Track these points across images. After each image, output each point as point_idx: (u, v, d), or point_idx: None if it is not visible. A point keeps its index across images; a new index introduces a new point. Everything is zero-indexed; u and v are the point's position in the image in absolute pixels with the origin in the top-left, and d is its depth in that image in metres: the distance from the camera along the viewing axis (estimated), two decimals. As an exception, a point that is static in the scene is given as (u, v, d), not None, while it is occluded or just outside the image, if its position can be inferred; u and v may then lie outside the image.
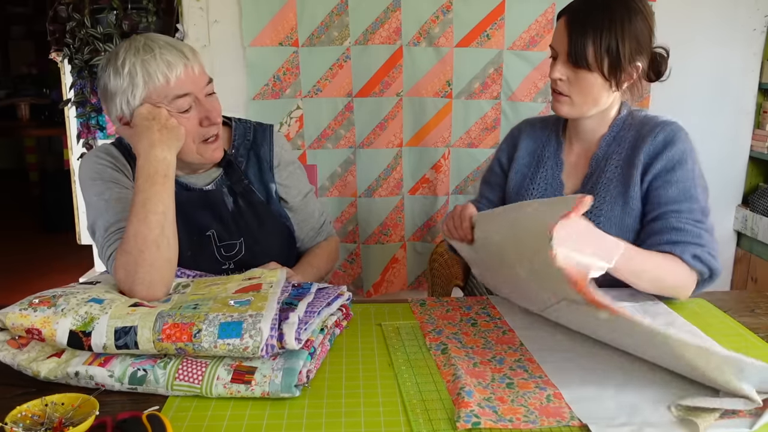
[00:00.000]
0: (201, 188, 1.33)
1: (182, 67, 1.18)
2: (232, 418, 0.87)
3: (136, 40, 1.20)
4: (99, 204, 1.23)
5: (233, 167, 1.35)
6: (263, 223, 1.37)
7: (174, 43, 1.21)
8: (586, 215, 1.24)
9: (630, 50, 1.24)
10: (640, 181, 1.28)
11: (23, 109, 5.62)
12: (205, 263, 1.29)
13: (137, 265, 1.07)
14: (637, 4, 1.26)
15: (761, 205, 2.50)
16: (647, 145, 1.28)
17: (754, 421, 0.84)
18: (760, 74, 2.49)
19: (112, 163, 1.29)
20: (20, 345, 0.97)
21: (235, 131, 1.39)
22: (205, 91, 1.24)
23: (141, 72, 1.16)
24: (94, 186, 1.25)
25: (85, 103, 2.44)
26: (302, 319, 0.95)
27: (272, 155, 1.40)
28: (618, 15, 1.23)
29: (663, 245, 1.21)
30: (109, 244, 1.18)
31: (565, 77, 1.27)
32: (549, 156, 1.43)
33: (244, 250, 1.34)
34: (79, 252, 2.91)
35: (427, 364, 1.01)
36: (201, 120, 1.23)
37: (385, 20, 2.29)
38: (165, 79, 1.17)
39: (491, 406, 0.88)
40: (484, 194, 1.54)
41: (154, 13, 2.37)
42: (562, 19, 1.29)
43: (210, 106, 1.23)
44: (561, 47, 1.27)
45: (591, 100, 1.29)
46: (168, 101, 1.19)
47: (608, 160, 1.34)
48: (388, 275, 2.55)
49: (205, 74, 1.24)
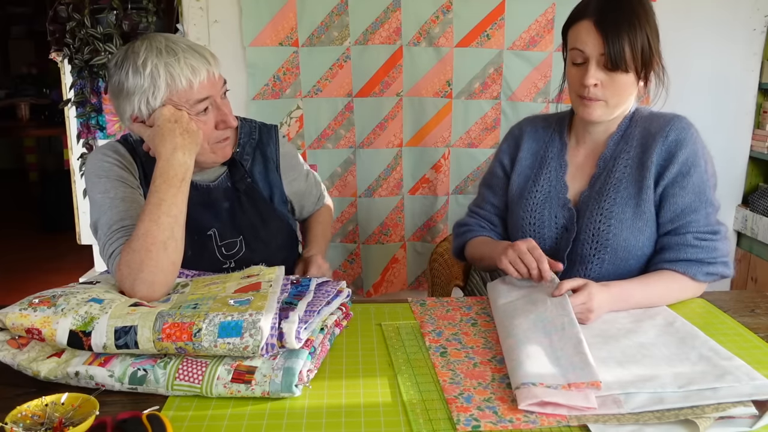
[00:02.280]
0: (207, 185, 1.34)
1: (205, 72, 1.20)
2: (232, 417, 0.87)
3: (157, 41, 1.20)
4: (104, 202, 1.23)
5: (237, 165, 1.37)
6: (265, 221, 1.37)
7: (196, 47, 1.22)
8: (597, 217, 1.29)
9: (657, 45, 1.26)
10: (654, 185, 1.28)
11: (23, 109, 5.62)
12: (206, 263, 1.29)
13: (142, 263, 1.07)
14: (647, 2, 1.27)
15: (761, 205, 2.50)
16: (658, 145, 1.28)
17: (755, 422, 0.84)
18: (760, 74, 2.49)
19: (118, 161, 1.29)
20: (20, 345, 0.97)
21: (241, 130, 1.40)
22: (222, 93, 1.26)
23: (164, 75, 1.17)
24: (99, 183, 1.25)
25: (85, 103, 2.44)
26: (302, 318, 0.95)
27: (278, 155, 1.44)
28: (642, 12, 1.23)
29: (679, 263, 1.25)
30: (111, 242, 1.18)
31: (599, 81, 1.24)
32: (552, 157, 1.41)
33: (245, 248, 1.35)
34: (79, 252, 2.91)
35: (427, 364, 1.01)
36: (217, 123, 1.25)
37: (385, 20, 2.29)
38: (188, 83, 1.18)
39: (491, 407, 0.88)
40: (487, 199, 1.51)
41: (154, 13, 2.37)
42: (585, 23, 1.23)
43: (227, 110, 1.26)
44: (593, 51, 1.22)
45: (624, 100, 1.28)
46: (189, 105, 1.20)
47: (617, 159, 1.33)
48: (388, 275, 2.55)
49: (222, 77, 1.26)
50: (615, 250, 1.28)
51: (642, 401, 0.88)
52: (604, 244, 1.28)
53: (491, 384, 0.95)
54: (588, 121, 1.31)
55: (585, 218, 1.31)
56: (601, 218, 1.29)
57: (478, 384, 0.94)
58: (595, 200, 1.31)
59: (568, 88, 1.33)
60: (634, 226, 1.28)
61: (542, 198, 1.38)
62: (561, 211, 1.36)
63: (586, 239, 1.30)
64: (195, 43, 1.25)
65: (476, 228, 1.51)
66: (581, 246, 1.31)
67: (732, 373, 0.94)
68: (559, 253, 1.34)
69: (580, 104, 1.29)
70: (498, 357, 1.03)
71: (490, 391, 0.92)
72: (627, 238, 1.28)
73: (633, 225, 1.28)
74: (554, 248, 1.35)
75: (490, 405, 0.88)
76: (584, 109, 1.28)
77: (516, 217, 1.41)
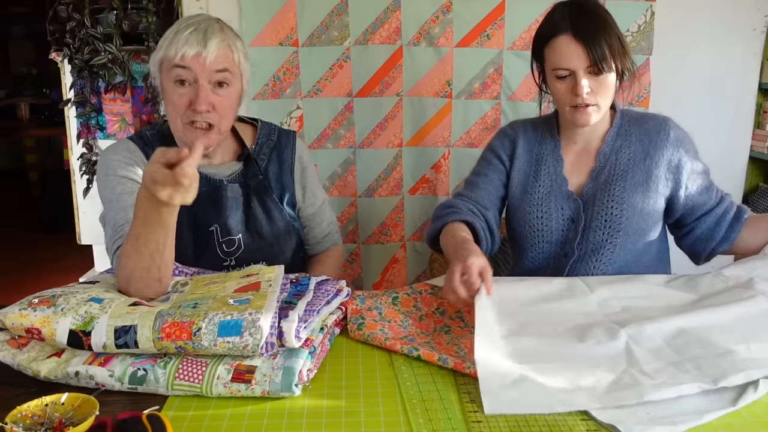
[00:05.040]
0: (219, 180, 1.36)
1: (195, 50, 1.24)
2: (232, 417, 0.87)
3: (199, 17, 1.29)
4: (111, 198, 1.27)
5: (251, 162, 1.39)
6: (272, 220, 1.38)
7: (213, 33, 1.26)
8: (609, 203, 1.37)
9: (625, 41, 1.33)
10: (673, 178, 1.39)
11: (23, 109, 5.62)
12: (207, 259, 1.30)
13: (129, 280, 1.08)
14: (600, 5, 1.36)
15: (761, 205, 2.50)
16: (662, 140, 1.39)
17: (736, 398, 0.87)
18: (760, 74, 2.49)
19: (128, 157, 1.32)
20: (20, 345, 0.97)
21: (260, 131, 1.45)
22: (210, 79, 1.26)
23: (168, 40, 1.26)
24: (107, 181, 1.30)
25: (85, 103, 2.44)
26: (302, 317, 0.95)
27: (294, 159, 1.46)
28: (606, 15, 1.32)
29: (743, 210, 1.41)
30: (115, 239, 1.22)
31: (590, 88, 1.30)
32: (548, 153, 1.46)
33: (244, 246, 1.35)
34: (79, 252, 2.91)
35: (427, 364, 1.01)
36: (190, 102, 1.27)
37: (385, 20, 2.29)
38: (175, 52, 1.24)
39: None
40: (479, 185, 1.47)
41: (154, 13, 2.37)
42: (563, 37, 1.30)
43: (204, 95, 1.25)
44: (579, 62, 1.29)
45: (610, 99, 1.36)
46: (168, 68, 1.26)
47: (618, 153, 1.41)
48: (388, 275, 2.55)
49: (226, 68, 1.27)
50: (627, 234, 1.37)
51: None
52: (617, 228, 1.36)
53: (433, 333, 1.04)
54: (583, 126, 1.37)
55: (595, 207, 1.38)
56: (613, 204, 1.37)
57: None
58: (603, 189, 1.39)
59: (557, 102, 1.38)
60: (643, 211, 1.37)
61: (545, 191, 1.43)
62: (566, 202, 1.41)
63: (599, 226, 1.37)
64: (225, 32, 1.29)
65: (462, 209, 1.40)
66: (593, 234, 1.38)
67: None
68: (568, 243, 1.40)
69: (575, 113, 1.34)
70: (441, 309, 1.16)
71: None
72: (638, 221, 1.38)
73: (642, 209, 1.37)
74: (562, 239, 1.41)
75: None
76: (579, 116, 1.33)
77: (522, 212, 1.45)
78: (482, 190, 1.47)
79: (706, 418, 0.83)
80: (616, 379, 0.92)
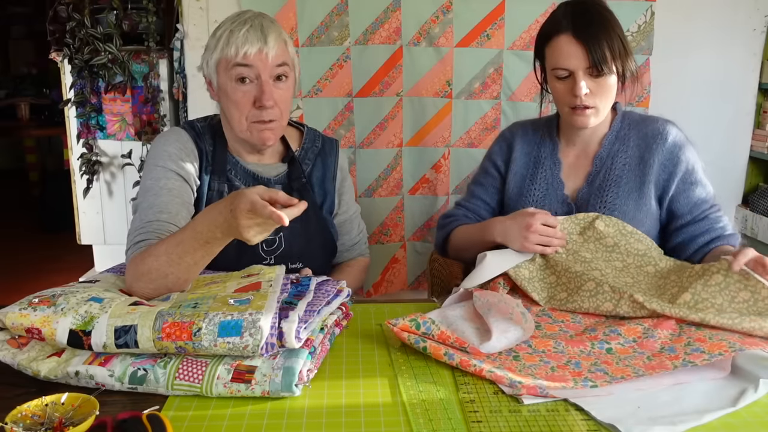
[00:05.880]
0: (267, 179, 1.37)
1: (257, 48, 1.23)
2: (232, 417, 0.87)
3: (250, 14, 1.28)
4: (151, 188, 1.26)
5: (296, 165, 1.40)
6: (311, 222, 1.39)
7: (268, 28, 1.26)
8: (601, 209, 1.35)
9: (627, 43, 1.31)
10: (663, 183, 1.36)
11: (23, 109, 5.62)
12: (249, 256, 1.31)
13: (145, 275, 1.08)
14: (607, 6, 1.33)
15: (761, 205, 2.50)
16: (659, 146, 1.36)
17: (736, 398, 0.87)
18: (760, 74, 2.49)
19: (180, 149, 1.32)
20: (20, 345, 0.97)
21: (306, 136, 1.46)
22: (272, 74, 1.26)
23: (223, 39, 1.25)
24: (154, 170, 1.29)
25: (85, 103, 2.44)
26: (302, 317, 0.95)
27: (336, 167, 1.47)
28: (609, 16, 1.31)
29: (720, 238, 1.33)
30: (140, 232, 1.20)
31: (589, 89, 1.29)
32: (546, 156, 1.45)
33: (284, 244, 1.36)
34: (79, 252, 2.91)
35: (427, 364, 1.01)
36: (256, 99, 1.27)
37: (385, 20, 2.30)
38: (236, 51, 1.23)
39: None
40: (477, 194, 1.54)
41: (154, 13, 2.37)
42: (564, 37, 1.29)
43: (269, 90, 1.26)
44: (578, 63, 1.28)
45: (610, 102, 1.34)
46: (229, 68, 1.25)
47: (614, 158, 1.39)
48: (388, 275, 2.55)
49: (285, 63, 1.28)
50: None
51: None
52: None
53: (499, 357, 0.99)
54: (581, 128, 1.36)
55: (588, 211, 1.35)
56: (605, 211, 1.35)
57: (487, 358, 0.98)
58: (597, 195, 1.37)
59: (557, 102, 1.38)
60: (635, 218, 1.34)
61: (541, 195, 1.43)
62: (560, 206, 1.41)
63: None
64: (277, 26, 1.29)
65: (462, 218, 1.53)
66: None
67: None
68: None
69: (573, 114, 1.33)
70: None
71: (498, 362, 0.93)
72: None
73: (635, 216, 1.34)
74: None
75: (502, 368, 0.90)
76: (578, 118, 1.33)
77: None
78: (478, 200, 1.55)
79: (706, 418, 0.83)
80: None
